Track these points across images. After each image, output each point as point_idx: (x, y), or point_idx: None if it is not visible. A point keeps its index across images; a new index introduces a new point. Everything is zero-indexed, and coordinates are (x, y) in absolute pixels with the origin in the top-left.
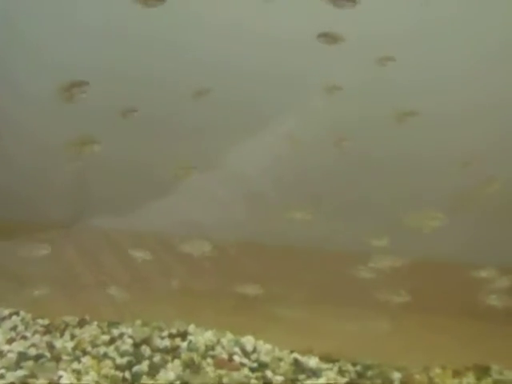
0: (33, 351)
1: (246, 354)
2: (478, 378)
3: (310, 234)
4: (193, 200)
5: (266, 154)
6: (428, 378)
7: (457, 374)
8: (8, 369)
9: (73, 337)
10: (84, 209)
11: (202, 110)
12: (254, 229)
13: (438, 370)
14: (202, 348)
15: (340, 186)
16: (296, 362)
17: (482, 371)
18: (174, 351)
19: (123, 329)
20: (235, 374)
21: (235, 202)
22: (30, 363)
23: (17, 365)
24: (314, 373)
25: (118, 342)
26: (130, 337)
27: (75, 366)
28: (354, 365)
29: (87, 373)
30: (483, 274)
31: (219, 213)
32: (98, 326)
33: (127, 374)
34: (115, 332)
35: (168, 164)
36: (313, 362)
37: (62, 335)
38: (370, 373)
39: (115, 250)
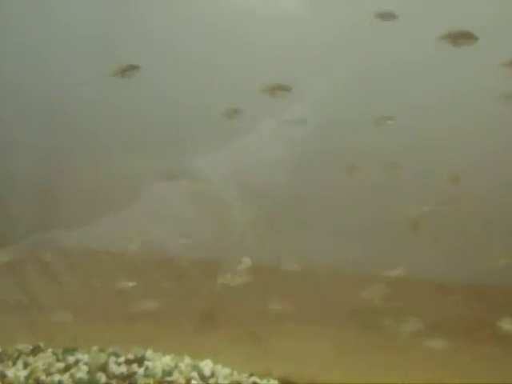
0: None
1: (203, 378)
2: None
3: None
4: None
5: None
6: None
7: None
8: None
9: (26, 365)
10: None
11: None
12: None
13: None
14: (159, 374)
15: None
16: None
17: None
18: (130, 377)
19: (79, 355)
20: None
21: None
22: None
23: None
24: None
25: (73, 370)
26: (86, 364)
27: None
28: None
29: None
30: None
31: (174, 230)
32: (53, 353)
33: None
34: (70, 359)
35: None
36: None
37: (14, 364)
38: None
39: (69, 271)
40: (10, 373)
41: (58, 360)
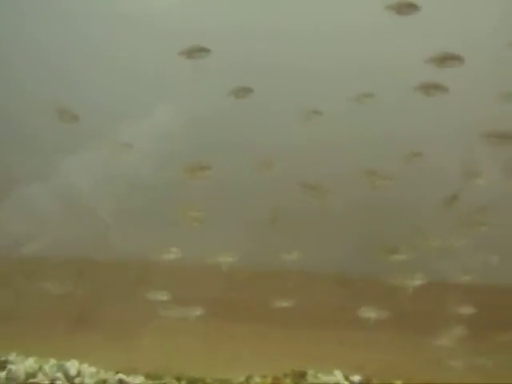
0: None
1: (68, 378)
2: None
3: None
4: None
5: None
6: None
7: (276, 380)
8: None
9: None
10: None
11: None
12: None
13: (258, 379)
14: (22, 376)
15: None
16: (121, 383)
17: (299, 376)
18: None
19: None
20: None
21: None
22: None
23: None
24: None
25: None
26: None
27: None
28: (179, 380)
29: None
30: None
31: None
32: None
33: None
34: None
35: None
36: (138, 380)
37: None
38: None
39: None
40: None
41: None
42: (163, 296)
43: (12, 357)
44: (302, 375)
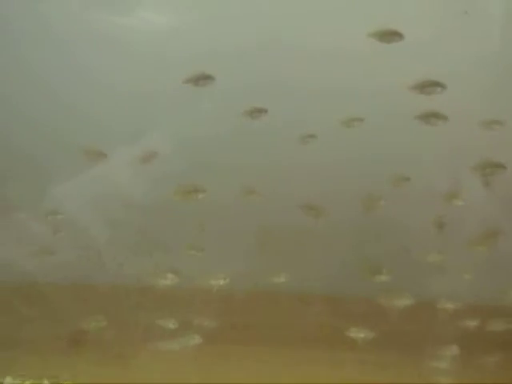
0: None
1: None
2: None
3: None
4: None
5: None
6: None
7: None
8: None
9: None
10: None
11: None
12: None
13: None
14: None
15: None
16: None
17: None
18: None
19: None
20: None
21: None
22: None
23: None
24: None
25: None
26: None
27: None
28: None
29: None
30: None
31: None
32: None
33: None
34: None
35: None
36: None
37: None
38: None
39: None
40: None
41: None
42: (163, 322)
43: (8, 381)
44: None
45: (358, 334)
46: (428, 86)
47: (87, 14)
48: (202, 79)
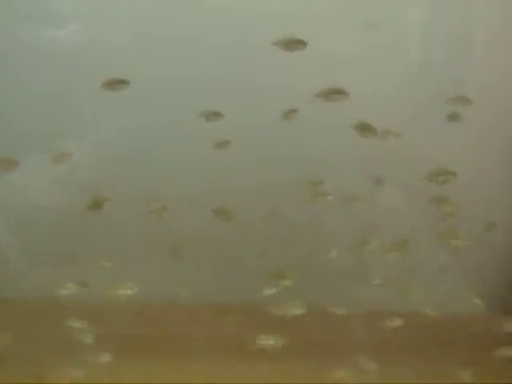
0: None
1: None
2: None
3: None
4: None
5: None
6: None
7: None
8: None
9: None
10: None
11: None
12: None
13: None
14: None
15: None
16: None
17: None
18: None
19: None
20: None
21: None
22: None
23: None
24: None
25: None
26: None
27: None
28: None
29: None
30: None
31: None
32: None
33: None
34: None
35: None
36: None
37: None
38: None
39: None
40: None
41: None
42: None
43: None
44: None
45: (267, 341)
46: (333, 94)
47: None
48: (116, 83)
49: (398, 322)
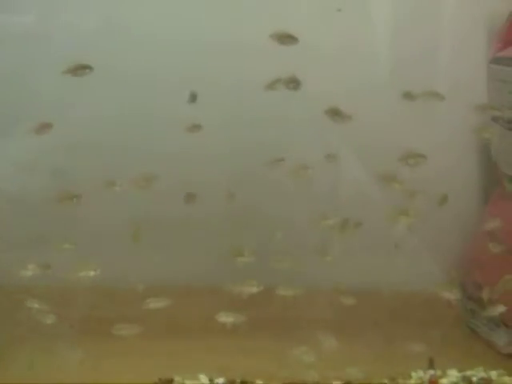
0: None
1: None
2: None
3: None
4: None
5: None
6: None
7: None
8: None
9: None
10: None
11: None
12: None
13: None
14: None
15: None
16: None
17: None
18: None
19: None
20: None
21: None
22: None
23: None
24: None
25: None
26: None
27: None
28: None
29: None
30: None
31: None
32: None
33: None
34: None
35: None
36: None
37: None
38: None
39: None
40: None
41: None
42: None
43: None
44: (169, 382)
45: (227, 318)
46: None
47: None
48: (80, 69)
49: (355, 300)
